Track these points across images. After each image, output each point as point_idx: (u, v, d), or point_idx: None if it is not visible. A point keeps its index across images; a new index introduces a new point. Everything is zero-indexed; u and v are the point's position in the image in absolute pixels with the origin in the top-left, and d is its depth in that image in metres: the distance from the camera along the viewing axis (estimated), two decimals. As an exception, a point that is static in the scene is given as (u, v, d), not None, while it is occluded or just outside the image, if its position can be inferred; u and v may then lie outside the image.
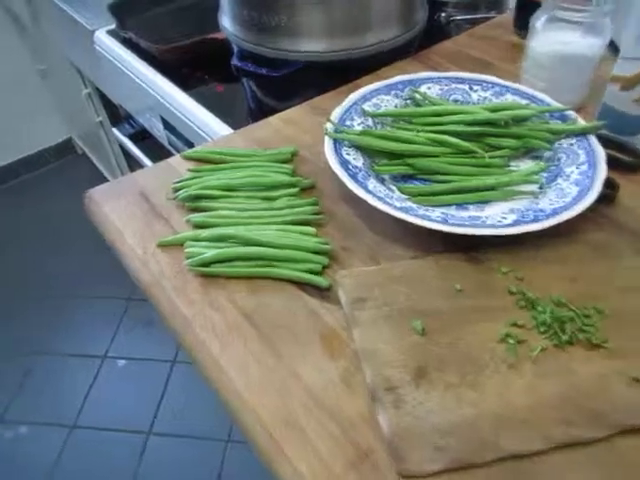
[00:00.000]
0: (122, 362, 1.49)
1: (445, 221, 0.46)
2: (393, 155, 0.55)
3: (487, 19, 0.91)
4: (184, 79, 0.93)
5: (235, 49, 0.79)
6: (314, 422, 0.37)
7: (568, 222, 0.46)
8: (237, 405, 0.38)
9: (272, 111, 0.69)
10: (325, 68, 0.74)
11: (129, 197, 0.55)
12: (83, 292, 1.66)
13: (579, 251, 0.48)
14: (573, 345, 0.41)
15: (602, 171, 0.50)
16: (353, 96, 0.60)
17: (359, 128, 0.57)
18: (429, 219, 0.46)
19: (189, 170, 0.57)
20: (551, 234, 0.46)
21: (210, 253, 0.47)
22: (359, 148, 0.55)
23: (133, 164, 1.35)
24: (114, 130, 1.32)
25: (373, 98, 0.61)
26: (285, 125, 0.65)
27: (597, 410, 0.36)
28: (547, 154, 0.56)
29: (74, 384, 1.44)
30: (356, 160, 0.53)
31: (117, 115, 1.33)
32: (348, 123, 0.58)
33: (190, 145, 0.91)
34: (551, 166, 0.54)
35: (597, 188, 0.48)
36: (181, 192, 0.54)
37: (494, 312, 0.43)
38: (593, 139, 0.54)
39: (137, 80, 0.99)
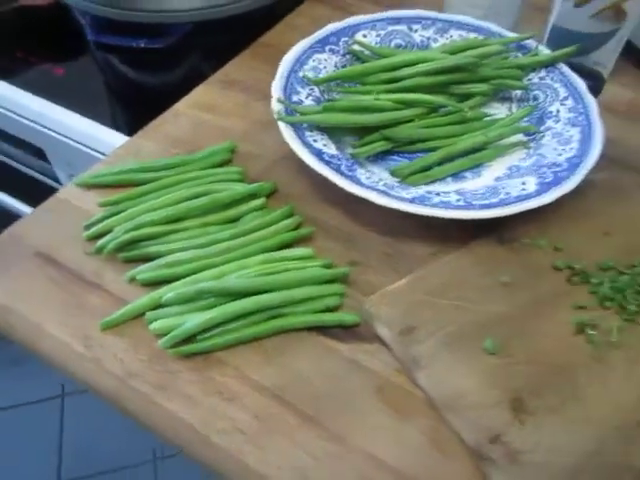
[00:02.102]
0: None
1: (470, 205, 0.38)
2: (364, 130, 0.45)
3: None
4: (4, 66, 0.70)
5: (87, 19, 0.59)
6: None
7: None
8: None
9: (156, 93, 0.54)
10: (213, 30, 0.58)
11: (22, 264, 0.38)
12: None
13: (595, 199, 0.43)
14: (641, 313, 0.36)
15: (592, 103, 0.45)
16: (285, 62, 0.47)
17: (310, 102, 0.46)
18: (451, 206, 0.38)
19: (101, 205, 0.41)
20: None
21: (190, 323, 0.34)
22: (322, 129, 0.43)
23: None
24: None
25: (309, 60, 0.49)
26: (201, 112, 0.50)
27: None
28: (517, 94, 0.50)
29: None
30: (328, 147, 0.42)
31: None
32: (295, 98, 0.45)
33: (40, 155, 0.70)
34: (533, 107, 0.48)
35: (599, 125, 0.43)
36: (104, 240, 0.38)
37: (553, 298, 0.37)
38: (564, 68, 0.49)
39: None
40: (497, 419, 0.31)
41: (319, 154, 0.41)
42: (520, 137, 0.47)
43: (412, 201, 0.38)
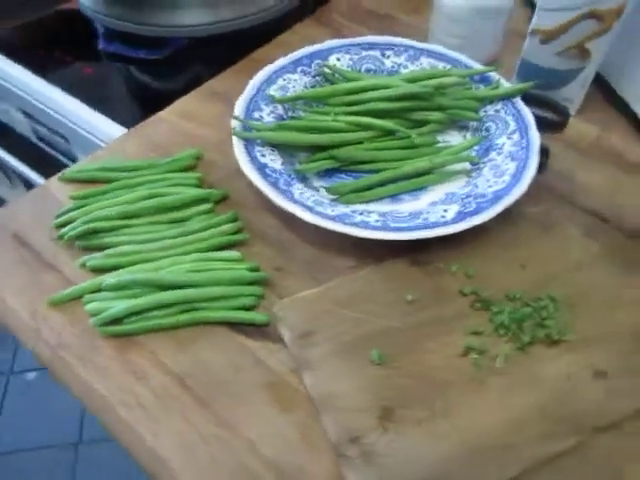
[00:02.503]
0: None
1: (386, 226, 0.41)
2: (316, 148, 0.48)
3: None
4: (41, 63, 0.78)
5: (100, 29, 0.66)
6: (279, 497, 0.32)
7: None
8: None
9: (163, 97, 0.59)
10: (213, 43, 0.64)
11: (0, 243, 0.45)
12: None
13: (522, 231, 0.45)
14: (534, 345, 0.38)
15: (535, 140, 0.47)
16: (255, 80, 0.52)
17: (271, 119, 0.50)
18: (369, 226, 0.41)
19: (71, 198, 0.47)
20: (492, 217, 0.43)
21: (118, 307, 0.39)
22: (274, 146, 0.48)
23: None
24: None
25: (278, 79, 0.53)
26: (181, 120, 0.56)
27: (567, 415, 0.35)
28: (474, 124, 0.52)
29: None
30: (274, 162, 0.46)
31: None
32: (256, 115, 0.50)
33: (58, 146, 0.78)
34: (482, 138, 0.50)
35: (534, 161, 0.45)
36: (66, 229, 0.44)
37: (450, 321, 0.39)
38: (519, 102, 0.51)
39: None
40: (363, 422, 0.34)
41: (262, 168, 0.45)
42: (467, 166, 0.49)
43: (333, 218, 0.41)
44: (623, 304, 0.40)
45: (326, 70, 0.54)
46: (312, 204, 0.43)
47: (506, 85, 0.52)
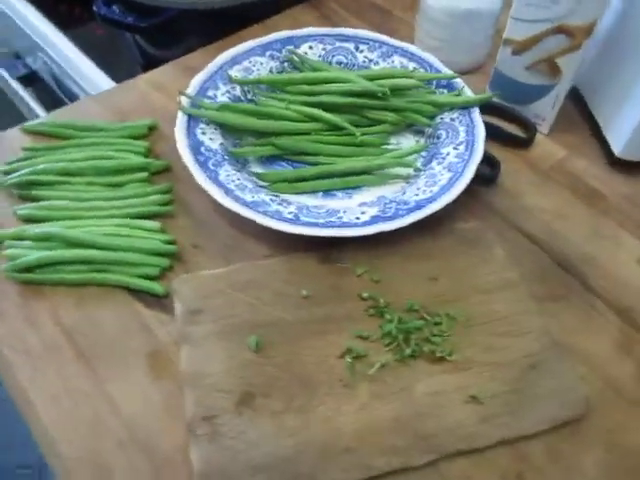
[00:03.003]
0: None
1: (297, 218, 0.42)
2: (260, 133, 0.49)
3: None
4: (62, 18, 0.81)
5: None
6: (125, 461, 0.34)
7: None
8: (43, 443, 0.35)
9: (162, 63, 0.61)
10: (205, 16, 0.64)
11: (-49, 183, 0.48)
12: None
13: (444, 245, 0.44)
14: (416, 359, 0.38)
15: (477, 154, 0.46)
16: (219, 58, 0.53)
17: (224, 99, 0.50)
18: (279, 217, 0.41)
19: (23, 149, 0.49)
20: (416, 226, 0.42)
21: (31, 256, 0.41)
22: (220, 126, 0.48)
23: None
24: (0, 70, 1.17)
25: (244, 61, 0.53)
26: (149, 89, 0.57)
27: (425, 433, 0.34)
28: (429, 129, 0.51)
29: None
30: (213, 141, 0.47)
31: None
32: (210, 93, 0.50)
33: (74, 98, 0.81)
34: (431, 145, 0.49)
35: (467, 177, 0.44)
36: (11, 176, 0.47)
37: (341, 322, 0.39)
38: (476, 114, 0.49)
39: (12, 16, 0.87)
40: (221, 403, 0.35)
41: (196, 145, 0.46)
42: (410, 171, 0.48)
43: (247, 204, 0.42)
44: (521, 333, 0.39)
45: (293, 57, 0.54)
46: (233, 187, 0.43)
47: (469, 94, 0.51)
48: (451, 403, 0.36)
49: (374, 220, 0.42)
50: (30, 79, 1.05)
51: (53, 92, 0.92)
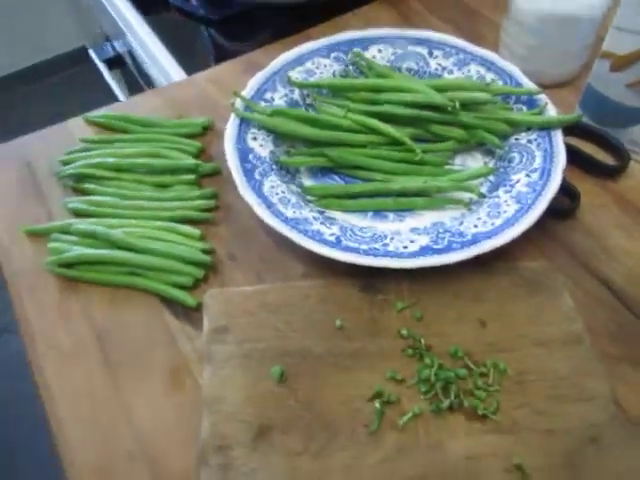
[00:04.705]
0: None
1: (338, 242, 0.39)
2: (313, 143, 0.46)
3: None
4: (147, 2, 0.82)
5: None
6: (131, 473, 0.33)
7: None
8: (59, 440, 0.34)
9: (232, 55, 0.60)
10: (278, 11, 0.62)
11: (13, 167, 0.49)
12: None
13: (501, 284, 0.39)
14: (455, 413, 0.34)
15: (553, 186, 0.40)
16: (281, 58, 0.50)
17: (281, 103, 0.48)
18: (319, 238, 0.38)
19: (81, 140, 0.50)
20: (470, 261, 0.38)
21: (72, 253, 0.41)
22: (272, 132, 0.46)
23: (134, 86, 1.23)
24: (90, 51, 1.22)
25: (307, 62, 0.51)
26: (210, 86, 0.56)
27: (453, 504, 0.31)
28: (500, 151, 0.46)
29: None
30: (263, 148, 0.45)
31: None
32: (268, 96, 0.48)
33: (151, 85, 0.83)
34: (500, 168, 0.44)
35: (537, 212, 0.39)
36: (67, 167, 0.47)
37: (374, 359, 0.36)
38: (558, 137, 0.43)
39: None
40: (236, 434, 0.33)
41: (245, 151, 0.44)
42: (471, 196, 0.43)
43: (286, 220, 0.39)
44: (582, 399, 0.34)
45: (359, 61, 0.51)
46: (276, 201, 0.41)
47: (552, 113, 0.45)
48: (489, 470, 0.32)
49: (423, 251, 0.38)
50: (115, 62, 1.09)
51: (134, 77, 0.95)
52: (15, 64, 1.95)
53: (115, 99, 1.52)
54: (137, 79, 0.93)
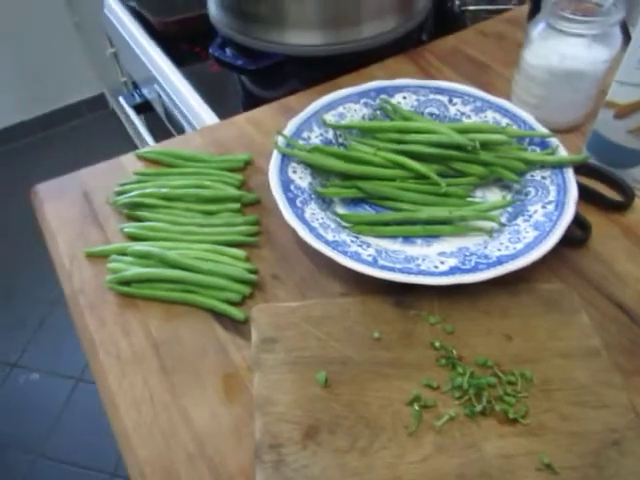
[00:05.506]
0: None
1: (375, 261, 0.43)
2: (346, 175, 0.51)
3: (505, 11, 0.83)
4: (181, 55, 0.90)
5: (218, 37, 0.75)
6: (193, 473, 0.36)
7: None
8: (123, 444, 0.37)
9: (262, 102, 0.66)
10: (307, 62, 0.69)
11: (71, 197, 0.54)
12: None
13: (523, 303, 0.43)
14: (487, 417, 0.37)
15: (568, 215, 0.45)
16: (317, 103, 0.56)
17: (317, 141, 0.53)
18: (357, 258, 0.43)
19: (134, 173, 0.55)
20: (495, 281, 0.42)
21: (130, 272, 0.45)
22: (310, 166, 0.51)
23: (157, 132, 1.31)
24: (120, 98, 1.30)
25: (339, 106, 0.56)
26: (249, 126, 0.62)
27: (491, 499, 0.33)
28: (517, 186, 0.51)
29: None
30: (302, 180, 0.50)
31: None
32: (305, 135, 0.53)
33: (180, 130, 0.89)
34: (517, 201, 0.49)
35: (556, 236, 0.43)
36: (122, 197, 0.52)
37: (409, 368, 0.39)
38: (570, 174, 0.48)
39: (136, 49, 0.97)
40: (286, 433, 0.36)
41: (287, 182, 0.48)
42: (493, 225, 0.48)
43: (327, 242, 0.44)
44: (602, 406, 0.37)
45: (386, 106, 0.57)
46: (317, 226, 0.45)
47: (563, 154, 0.50)
48: (522, 468, 0.35)
49: (452, 271, 0.42)
50: (143, 108, 1.17)
51: (162, 122, 1.02)
52: (33, 111, 2.03)
53: (134, 145, 1.60)
54: (164, 124, 1.00)
